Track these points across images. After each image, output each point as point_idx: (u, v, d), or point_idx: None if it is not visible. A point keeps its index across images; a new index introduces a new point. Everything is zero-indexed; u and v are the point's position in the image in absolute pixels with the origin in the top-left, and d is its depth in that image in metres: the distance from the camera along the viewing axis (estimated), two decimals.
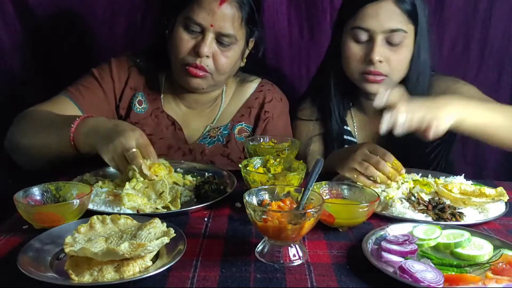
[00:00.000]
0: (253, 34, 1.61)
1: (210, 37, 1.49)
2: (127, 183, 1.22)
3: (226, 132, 1.69)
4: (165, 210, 1.16)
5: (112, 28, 2.00)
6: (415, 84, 1.58)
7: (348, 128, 1.75)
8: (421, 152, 1.64)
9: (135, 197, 1.15)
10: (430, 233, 1.03)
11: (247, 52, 1.64)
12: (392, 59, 1.54)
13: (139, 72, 1.68)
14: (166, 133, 1.66)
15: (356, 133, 1.75)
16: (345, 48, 1.59)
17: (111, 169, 1.37)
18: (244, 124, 1.70)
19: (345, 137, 1.73)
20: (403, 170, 1.32)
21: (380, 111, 1.69)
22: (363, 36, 1.54)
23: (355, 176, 1.30)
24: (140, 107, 1.65)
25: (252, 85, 1.75)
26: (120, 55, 1.69)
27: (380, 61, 1.53)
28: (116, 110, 1.65)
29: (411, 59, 1.57)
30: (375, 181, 1.29)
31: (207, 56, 1.50)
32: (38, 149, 1.38)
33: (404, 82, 1.59)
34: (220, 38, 1.50)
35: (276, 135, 1.51)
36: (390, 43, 1.53)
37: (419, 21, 1.53)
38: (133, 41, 2.01)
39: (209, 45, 1.49)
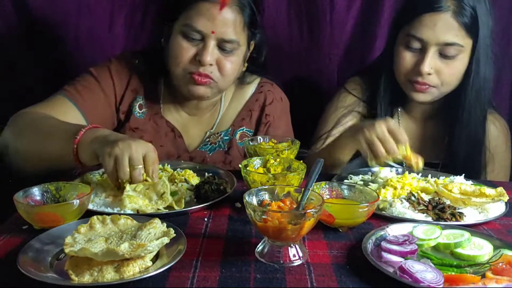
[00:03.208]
0: (255, 37, 1.55)
1: (212, 44, 1.42)
2: (127, 185, 1.22)
3: (227, 138, 1.65)
4: (165, 210, 1.16)
5: (112, 28, 2.00)
6: (475, 101, 1.56)
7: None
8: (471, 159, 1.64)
9: (136, 199, 1.15)
10: (430, 233, 1.03)
11: (247, 55, 1.59)
12: (443, 72, 1.52)
13: (139, 75, 1.60)
14: (166, 140, 1.61)
15: None
16: (397, 53, 1.58)
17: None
18: (245, 129, 1.67)
19: None
20: (420, 162, 1.31)
21: (429, 117, 1.71)
22: (416, 45, 1.51)
23: (369, 153, 1.29)
24: (140, 111, 1.59)
25: (251, 86, 1.71)
26: (118, 55, 1.63)
27: (429, 74, 1.51)
28: (116, 113, 1.58)
29: (469, 74, 1.53)
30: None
31: (210, 64, 1.44)
32: (36, 155, 1.30)
33: (461, 97, 1.57)
34: (222, 45, 1.44)
35: (277, 135, 1.51)
36: (443, 55, 1.50)
37: (480, 35, 1.49)
38: (133, 41, 2.01)
39: (211, 53, 1.42)
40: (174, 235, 0.90)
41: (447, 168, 1.63)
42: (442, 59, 1.51)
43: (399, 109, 1.74)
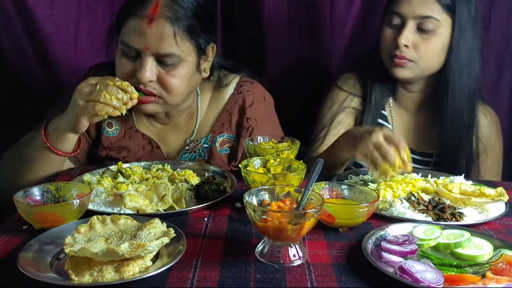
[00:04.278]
0: (204, 43, 1.44)
1: (149, 60, 1.35)
2: (129, 185, 1.22)
3: (207, 145, 1.58)
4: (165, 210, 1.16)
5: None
6: (458, 80, 1.60)
7: (385, 113, 1.75)
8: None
9: (137, 198, 1.15)
10: (430, 233, 1.03)
11: (207, 63, 1.51)
12: (420, 46, 1.57)
13: None
14: (143, 153, 1.55)
15: (393, 123, 1.75)
16: (380, 33, 1.65)
17: (112, 169, 1.38)
18: (225, 135, 1.59)
19: (379, 121, 1.73)
20: (410, 166, 1.30)
21: (421, 107, 1.75)
22: (396, 20, 1.59)
23: (368, 163, 1.29)
24: (110, 129, 1.54)
25: (229, 88, 1.62)
26: (86, 70, 1.59)
27: (407, 46, 1.57)
28: (87, 137, 1.54)
29: (449, 53, 1.58)
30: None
31: (151, 81, 1.37)
32: (22, 172, 1.38)
33: (446, 77, 1.61)
34: (161, 59, 1.36)
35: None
36: (421, 30, 1.56)
37: (458, 14, 1.55)
38: None
39: (149, 70, 1.35)
40: (174, 235, 0.90)
41: (440, 158, 1.66)
42: (420, 34, 1.57)
43: (391, 100, 1.76)
